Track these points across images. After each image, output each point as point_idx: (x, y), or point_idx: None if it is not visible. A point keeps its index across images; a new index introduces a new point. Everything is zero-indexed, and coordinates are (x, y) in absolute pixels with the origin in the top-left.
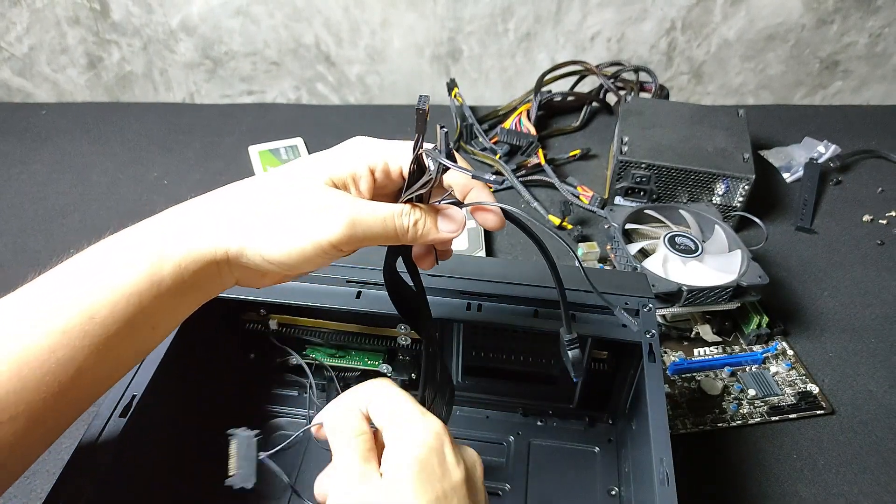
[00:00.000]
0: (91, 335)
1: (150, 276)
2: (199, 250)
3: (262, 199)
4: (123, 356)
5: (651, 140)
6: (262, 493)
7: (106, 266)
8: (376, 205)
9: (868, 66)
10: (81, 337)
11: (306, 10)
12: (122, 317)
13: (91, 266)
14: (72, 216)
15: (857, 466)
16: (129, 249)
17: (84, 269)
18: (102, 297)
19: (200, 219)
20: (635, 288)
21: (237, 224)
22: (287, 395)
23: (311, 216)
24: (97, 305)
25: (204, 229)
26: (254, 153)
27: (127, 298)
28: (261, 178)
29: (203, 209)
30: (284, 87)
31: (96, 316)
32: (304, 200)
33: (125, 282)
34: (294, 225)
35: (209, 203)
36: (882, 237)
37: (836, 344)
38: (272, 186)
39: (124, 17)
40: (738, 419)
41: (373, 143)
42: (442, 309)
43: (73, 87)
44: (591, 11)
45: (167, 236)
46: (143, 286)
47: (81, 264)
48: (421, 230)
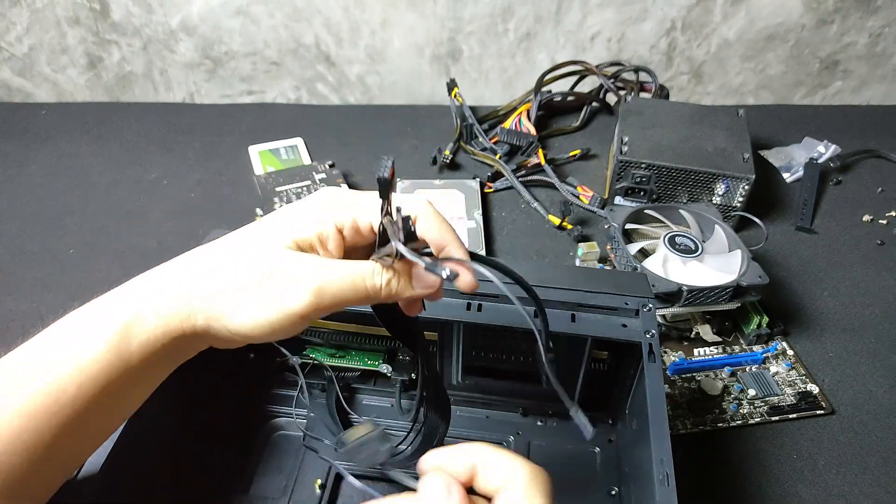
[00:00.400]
0: (58, 415)
1: (118, 353)
2: (165, 327)
3: (228, 267)
4: (92, 433)
5: (651, 140)
6: (262, 493)
7: (72, 343)
8: (344, 267)
9: (868, 65)
10: (48, 417)
11: (306, 10)
12: (89, 394)
13: (56, 343)
14: (71, 216)
15: (858, 466)
16: (95, 325)
17: (49, 346)
18: (68, 376)
19: (166, 291)
20: (635, 288)
21: (204, 298)
22: (287, 395)
23: (277, 287)
24: (63, 384)
25: (172, 304)
26: (254, 153)
27: (94, 376)
28: (227, 241)
29: (169, 281)
30: (284, 87)
31: (62, 396)
32: (268, 268)
33: (91, 358)
34: (259, 296)
35: (175, 273)
36: (882, 237)
37: (836, 344)
38: (237, 253)
39: (124, 17)
40: (738, 419)
41: (340, 199)
42: (442, 309)
43: (73, 88)
44: (592, 11)
45: (133, 311)
46: (109, 363)
47: (47, 341)
48: (395, 289)
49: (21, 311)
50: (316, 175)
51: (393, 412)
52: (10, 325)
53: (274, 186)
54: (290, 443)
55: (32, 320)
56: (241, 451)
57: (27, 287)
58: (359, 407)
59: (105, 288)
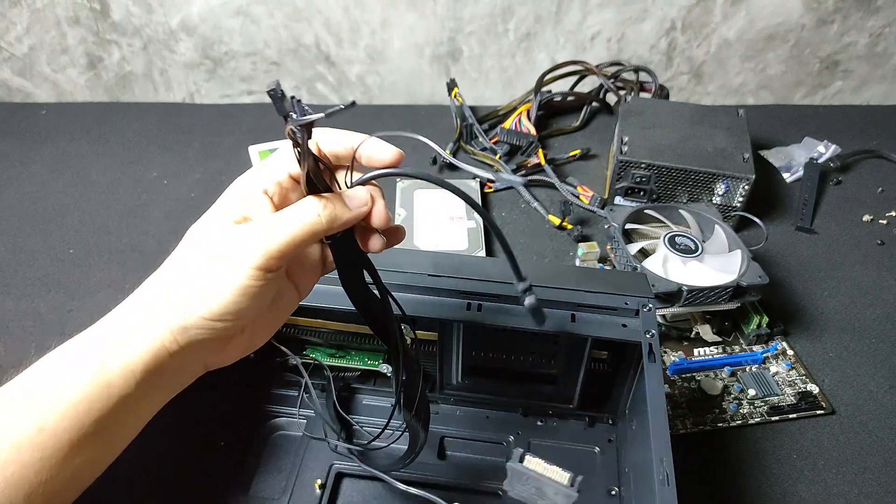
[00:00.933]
0: (42, 448)
1: (98, 384)
2: (143, 346)
3: (182, 268)
4: (79, 470)
5: (651, 140)
6: (262, 493)
7: (53, 377)
8: (279, 213)
9: (868, 65)
10: (31, 450)
11: (306, 10)
12: (73, 426)
13: (38, 378)
14: (71, 216)
15: (858, 466)
16: (74, 358)
17: (32, 381)
18: (51, 407)
19: (136, 314)
20: (635, 288)
21: (171, 302)
22: (287, 395)
23: (227, 255)
24: (46, 416)
25: (142, 322)
26: (254, 153)
27: (76, 406)
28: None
29: (136, 304)
30: (284, 87)
31: (45, 427)
32: (215, 248)
33: (73, 389)
34: (215, 272)
35: (140, 296)
36: (882, 237)
37: (836, 344)
38: (184, 256)
39: (124, 17)
40: (738, 419)
41: (253, 170)
42: (442, 309)
43: (73, 87)
44: (591, 11)
45: (108, 339)
46: (92, 393)
47: (30, 377)
48: (333, 212)
49: (21, 310)
50: None
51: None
52: (10, 325)
53: None
54: (290, 443)
55: (32, 320)
56: (241, 450)
57: (27, 287)
58: (359, 407)
59: (105, 287)
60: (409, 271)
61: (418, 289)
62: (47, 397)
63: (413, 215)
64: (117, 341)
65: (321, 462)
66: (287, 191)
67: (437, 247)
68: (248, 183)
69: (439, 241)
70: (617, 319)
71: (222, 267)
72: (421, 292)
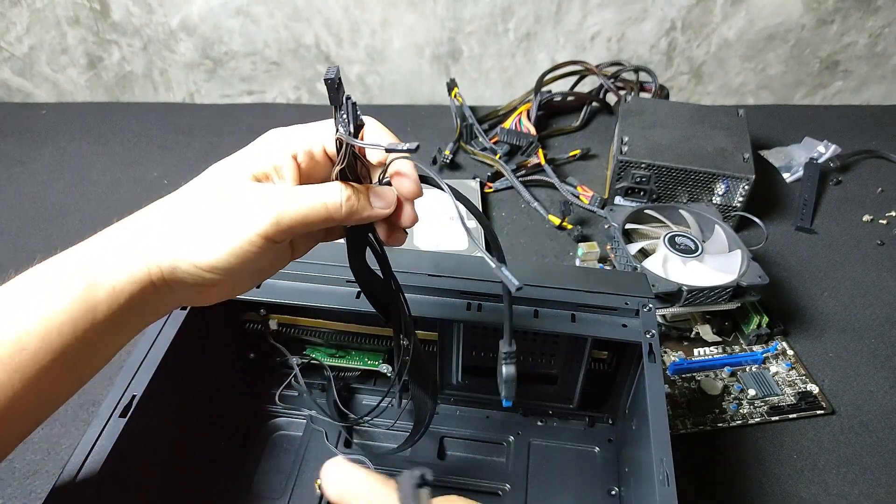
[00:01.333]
0: (22, 368)
1: (84, 303)
2: (131, 272)
3: (187, 208)
4: (57, 390)
5: (651, 140)
6: (262, 493)
7: (36, 294)
8: (303, 187)
9: (868, 66)
10: (11, 371)
11: (306, 10)
12: (55, 347)
13: (20, 294)
14: (72, 216)
15: (858, 467)
16: (60, 276)
17: (13, 297)
18: (32, 327)
19: (129, 238)
20: (635, 288)
21: (165, 237)
22: (287, 395)
23: (236, 212)
24: (27, 336)
25: (134, 249)
26: None
27: (59, 328)
28: (186, 187)
29: (132, 228)
30: (284, 87)
31: (27, 347)
32: (226, 199)
33: (57, 310)
34: (219, 225)
35: (137, 221)
36: (882, 237)
37: (836, 344)
38: (195, 194)
39: (124, 17)
40: (738, 419)
41: (291, 130)
42: (442, 309)
43: (73, 87)
44: (591, 11)
45: (98, 259)
46: (76, 314)
47: (10, 292)
48: (355, 205)
49: None
50: None
51: (393, 412)
52: None
53: None
54: (290, 442)
55: None
56: (241, 450)
57: None
58: (359, 407)
59: None
60: (409, 271)
61: (418, 289)
62: (30, 314)
63: None
64: (107, 265)
65: (321, 461)
66: (315, 163)
67: (437, 247)
68: (279, 141)
69: (439, 241)
70: (617, 319)
71: (226, 223)
72: (421, 292)
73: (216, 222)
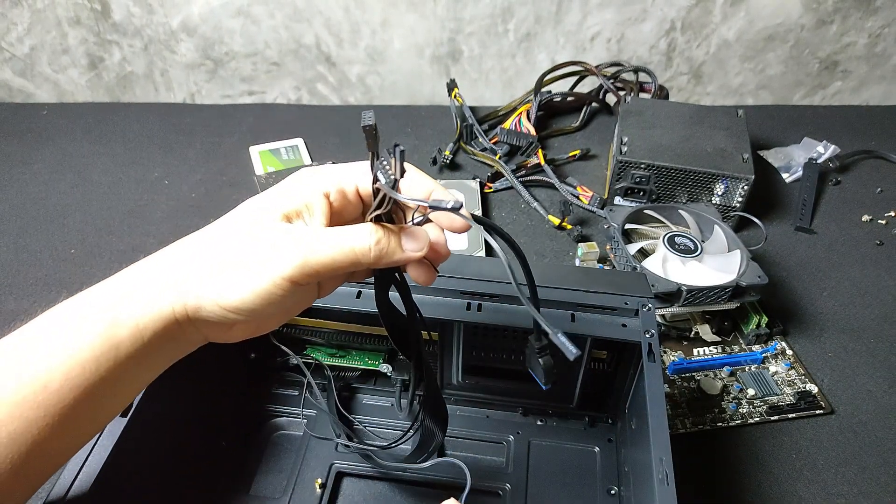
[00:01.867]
0: (46, 406)
1: (108, 341)
2: (155, 310)
3: (214, 245)
4: (82, 427)
5: (650, 140)
6: (262, 493)
7: (61, 331)
8: (331, 230)
9: (867, 66)
10: (35, 408)
11: (307, 11)
12: (78, 385)
13: (45, 332)
14: (73, 216)
15: (857, 466)
16: (84, 313)
17: (38, 335)
18: (57, 365)
19: (155, 276)
20: (635, 288)
21: (192, 276)
22: (287, 395)
23: (262, 253)
24: (52, 374)
25: (159, 286)
26: (254, 153)
27: (83, 365)
28: (214, 224)
29: (159, 265)
30: (285, 88)
31: (51, 385)
32: (253, 239)
33: (81, 347)
34: (245, 265)
35: (165, 258)
36: (881, 237)
37: (835, 344)
38: (223, 231)
39: (125, 18)
40: (737, 419)
41: (325, 169)
42: (442, 309)
43: (74, 88)
44: (591, 12)
45: (123, 297)
46: (99, 352)
47: (36, 330)
48: (385, 249)
49: (23, 310)
50: None
51: (393, 411)
52: (13, 324)
53: None
54: (290, 442)
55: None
56: (242, 450)
57: (29, 287)
58: (359, 406)
59: None
60: None
61: (418, 288)
62: (55, 352)
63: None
64: (132, 303)
65: (322, 461)
66: (348, 202)
67: None
68: (311, 179)
69: None
70: (616, 319)
71: (253, 263)
72: (421, 292)
73: (243, 261)
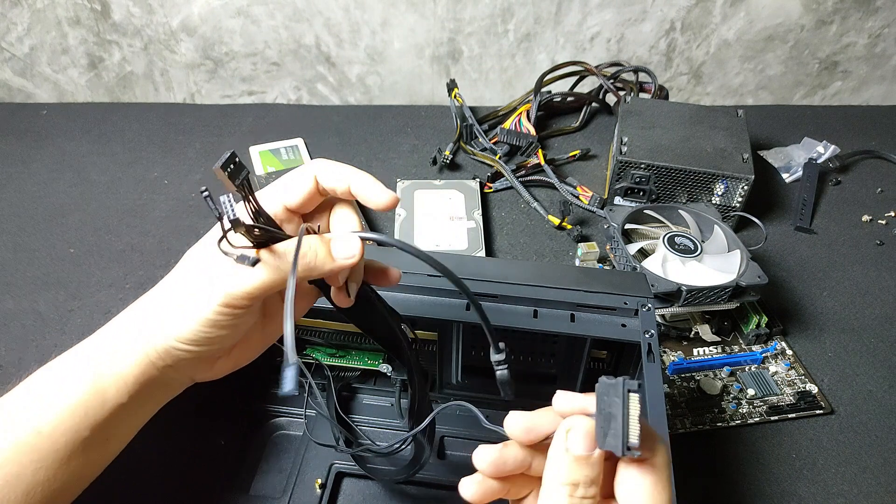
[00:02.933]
0: (39, 450)
1: (94, 390)
2: (132, 360)
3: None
4: (78, 472)
5: (650, 140)
6: (262, 493)
7: (50, 385)
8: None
9: (867, 66)
10: (29, 452)
11: (307, 11)
12: (70, 430)
13: (38, 386)
14: (72, 216)
15: (857, 466)
16: (72, 367)
17: (32, 389)
18: (48, 412)
19: (127, 327)
20: (634, 288)
21: (153, 321)
22: (286, 396)
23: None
24: (43, 420)
25: (131, 336)
26: (254, 153)
27: (73, 412)
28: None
29: (129, 317)
30: (285, 88)
31: (43, 430)
32: (197, 275)
33: (69, 397)
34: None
35: (135, 310)
36: (881, 237)
37: (835, 344)
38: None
39: (125, 18)
40: (737, 419)
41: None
42: (442, 309)
43: (74, 88)
44: (591, 12)
45: (103, 350)
46: (86, 400)
47: (29, 384)
48: (312, 263)
49: (21, 309)
50: None
51: (393, 412)
52: (10, 324)
53: None
54: (290, 442)
55: (32, 319)
56: (241, 450)
57: (27, 286)
58: (359, 407)
59: (105, 287)
60: (409, 271)
61: (418, 289)
62: (45, 403)
63: (413, 215)
64: (110, 353)
65: (321, 461)
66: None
67: (437, 247)
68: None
69: (439, 241)
70: (616, 319)
71: (193, 297)
72: (421, 292)
73: (186, 299)
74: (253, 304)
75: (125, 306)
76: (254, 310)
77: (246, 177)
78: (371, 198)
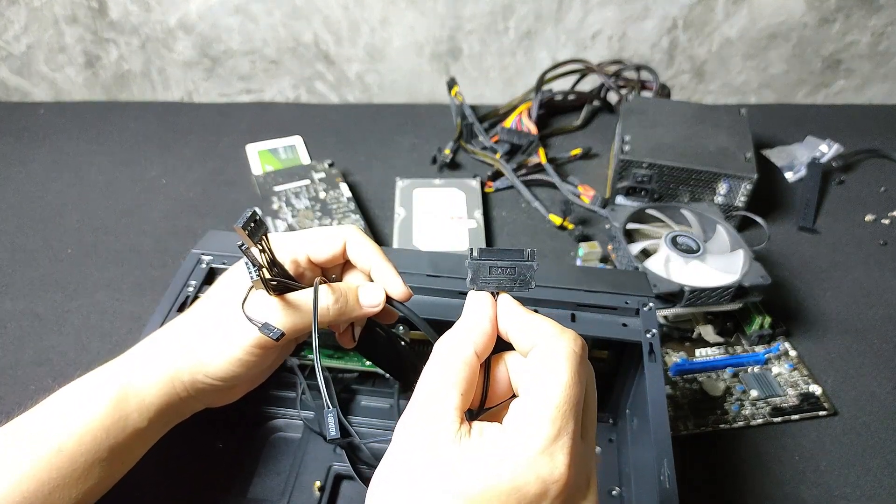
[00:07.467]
0: (59, 468)
1: (118, 414)
2: (158, 390)
3: (200, 318)
4: (93, 489)
5: (653, 139)
6: (260, 495)
7: (74, 402)
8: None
9: (871, 64)
10: (49, 470)
11: (305, 9)
12: (89, 450)
13: (61, 403)
14: (70, 215)
15: (860, 468)
16: (96, 390)
17: (54, 407)
18: (70, 431)
19: (157, 360)
20: (635, 287)
21: (182, 351)
22: (285, 397)
23: (234, 324)
24: (64, 438)
25: (160, 368)
26: (252, 152)
27: (94, 433)
28: (204, 299)
29: (159, 348)
30: (283, 86)
31: (64, 449)
32: (227, 312)
33: (93, 418)
34: (222, 335)
35: (164, 339)
36: (885, 237)
37: (838, 345)
38: (207, 304)
39: (122, 16)
40: (740, 420)
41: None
42: (442, 309)
43: (71, 86)
44: (593, 10)
45: (129, 377)
46: (109, 421)
47: (53, 402)
48: (344, 307)
49: (19, 310)
50: (315, 174)
51: (392, 413)
52: (8, 325)
53: (272, 186)
54: (288, 444)
55: (30, 320)
56: (239, 452)
57: (25, 286)
58: (358, 408)
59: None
60: (409, 271)
61: (418, 289)
62: (68, 423)
63: (412, 215)
64: (137, 379)
65: (320, 463)
66: (304, 270)
67: (437, 247)
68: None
69: (439, 241)
70: (617, 319)
71: (227, 337)
72: (421, 292)
73: (219, 338)
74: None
75: (123, 307)
76: (280, 346)
77: (265, 232)
78: (388, 288)
